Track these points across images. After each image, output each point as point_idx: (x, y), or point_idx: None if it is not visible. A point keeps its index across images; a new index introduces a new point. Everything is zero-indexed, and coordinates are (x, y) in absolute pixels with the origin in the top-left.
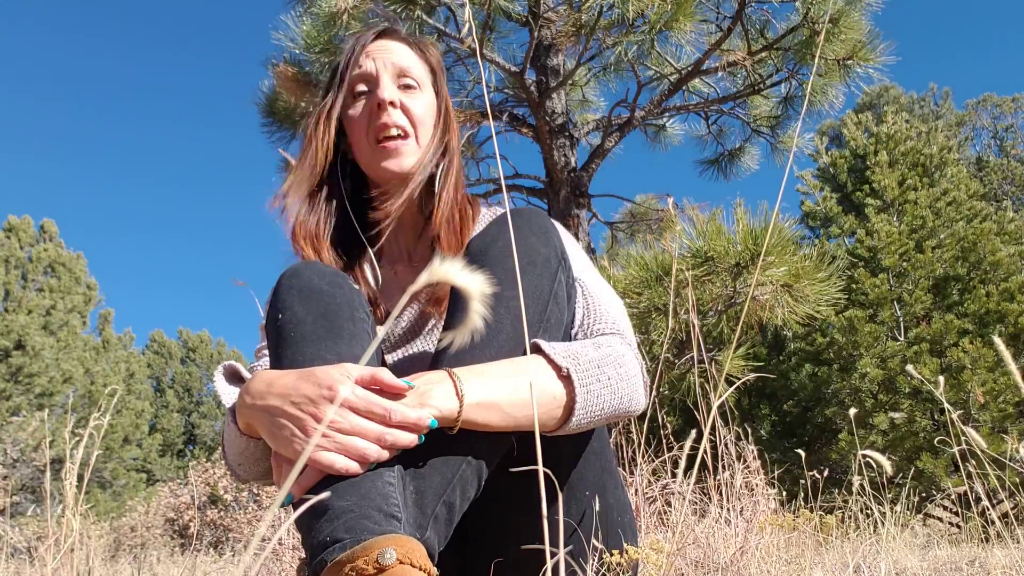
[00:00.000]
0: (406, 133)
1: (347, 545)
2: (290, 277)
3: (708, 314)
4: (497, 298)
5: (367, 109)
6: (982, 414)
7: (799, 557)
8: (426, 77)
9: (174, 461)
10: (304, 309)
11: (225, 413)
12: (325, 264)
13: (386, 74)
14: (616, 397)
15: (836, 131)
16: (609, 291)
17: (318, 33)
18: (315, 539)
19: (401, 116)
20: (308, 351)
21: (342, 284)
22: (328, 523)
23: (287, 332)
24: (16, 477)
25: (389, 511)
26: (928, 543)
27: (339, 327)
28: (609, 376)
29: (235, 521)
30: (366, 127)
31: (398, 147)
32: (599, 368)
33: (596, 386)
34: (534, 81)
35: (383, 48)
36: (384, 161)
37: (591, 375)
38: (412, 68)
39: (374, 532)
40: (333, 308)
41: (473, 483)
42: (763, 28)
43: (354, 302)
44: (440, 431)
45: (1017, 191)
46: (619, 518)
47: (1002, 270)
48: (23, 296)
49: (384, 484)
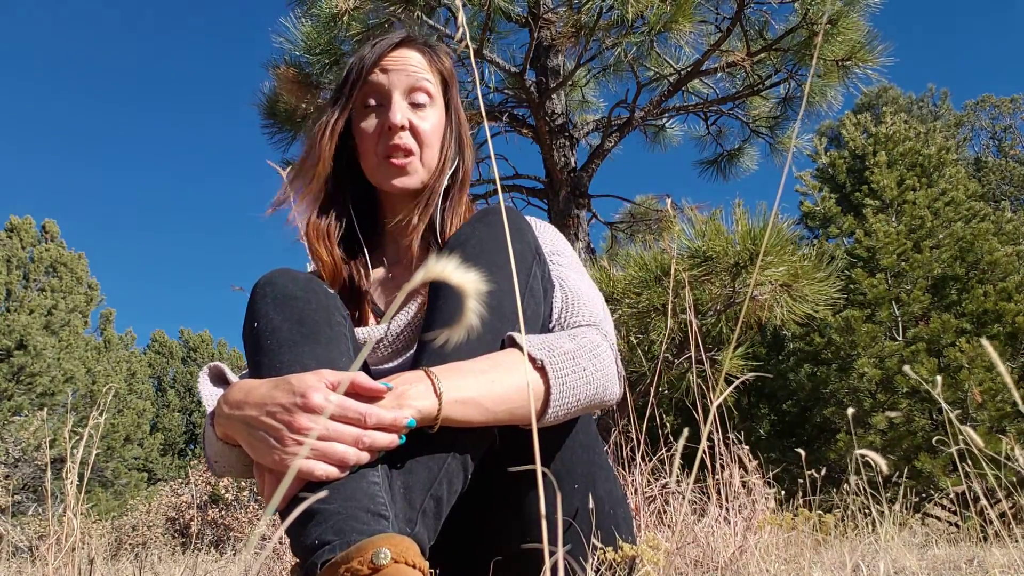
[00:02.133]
0: (413, 152)
1: (338, 547)
2: (264, 286)
3: (707, 314)
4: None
5: (378, 127)
6: (980, 413)
7: (798, 556)
8: (437, 89)
9: (175, 460)
10: (280, 316)
11: (205, 415)
12: (333, 263)
13: (397, 92)
14: (591, 387)
15: (835, 132)
16: (590, 286)
17: (318, 35)
18: (304, 542)
19: (409, 138)
20: (285, 358)
21: (316, 290)
22: (316, 526)
23: (264, 340)
24: (18, 476)
25: (376, 510)
26: (926, 542)
27: (316, 332)
28: (584, 367)
29: (236, 520)
30: (376, 142)
31: (404, 165)
32: (574, 360)
33: (571, 377)
34: (534, 82)
35: (398, 60)
36: (392, 178)
37: (566, 366)
38: (424, 84)
39: (363, 532)
40: (309, 313)
41: (459, 476)
42: (762, 29)
43: (330, 306)
44: (421, 430)
45: (1015, 191)
46: (611, 511)
47: (1000, 270)
48: (25, 296)
49: (369, 484)
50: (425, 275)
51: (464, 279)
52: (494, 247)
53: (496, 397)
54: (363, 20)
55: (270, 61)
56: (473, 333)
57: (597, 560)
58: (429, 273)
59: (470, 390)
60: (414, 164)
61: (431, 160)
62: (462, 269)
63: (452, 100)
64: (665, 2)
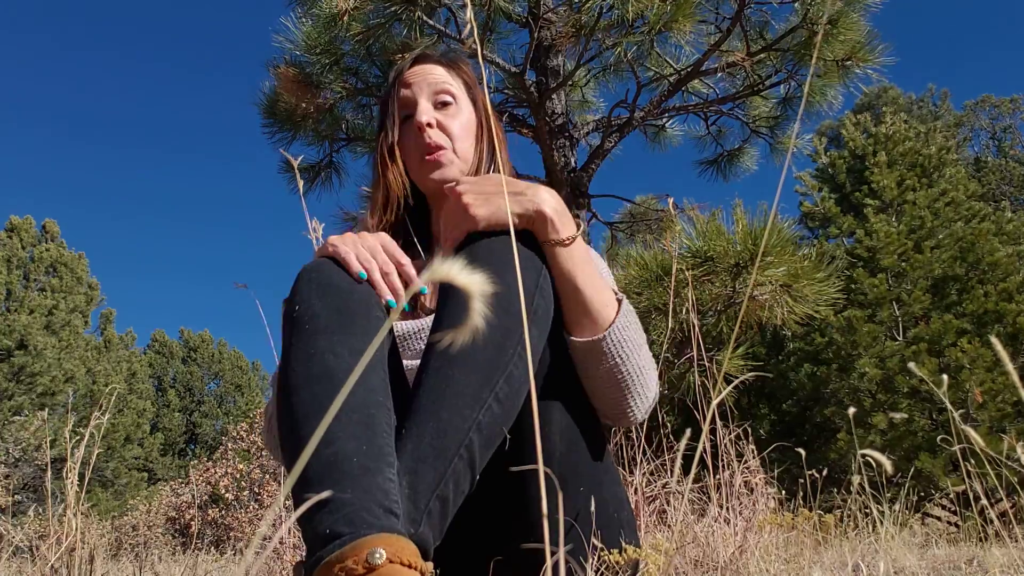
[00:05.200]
0: (444, 146)
1: (341, 543)
2: (310, 271)
3: (708, 314)
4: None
5: (412, 132)
6: (980, 413)
7: (798, 556)
8: (461, 91)
9: (175, 460)
10: (321, 303)
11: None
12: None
13: (423, 97)
14: (639, 352)
15: (835, 132)
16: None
17: (319, 35)
18: (315, 529)
19: (439, 134)
20: (320, 344)
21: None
22: (328, 515)
23: (301, 324)
24: (18, 476)
25: (388, 507)
26: (927, 542)
27: (352, 322)
28: (641, 337)
29: (236, 520)
30: (413, 147)
31: (439, 158)
32: (637, 323)
33: (632, 329)
34: (534, 82)
35: (418, 72)
36: (430, 173)
37: (632, 319)
38: (447, 85)
39: (373, 527)
40: (351, 304)
41: (467, 477)
42: (762, 29)
43: (371, 300)
44: (427, 433)
45: (1015, 191)
46: (615, 514)
47: (1000, 270)
48: (25, 296)
49: (385, 480)
50: (430, 276)
51: (469, 280)
52: (504, 246)
53: (591, 281)
54: (363, 20)
55: (270, 60)
56: (480, 334)
57: (600, 562)
58: (434, 274)
59: (585, 256)
60: (448, 155)
61: (465, 152)
62: (468, 270)
63: (478, 99)
64: (665, 2)
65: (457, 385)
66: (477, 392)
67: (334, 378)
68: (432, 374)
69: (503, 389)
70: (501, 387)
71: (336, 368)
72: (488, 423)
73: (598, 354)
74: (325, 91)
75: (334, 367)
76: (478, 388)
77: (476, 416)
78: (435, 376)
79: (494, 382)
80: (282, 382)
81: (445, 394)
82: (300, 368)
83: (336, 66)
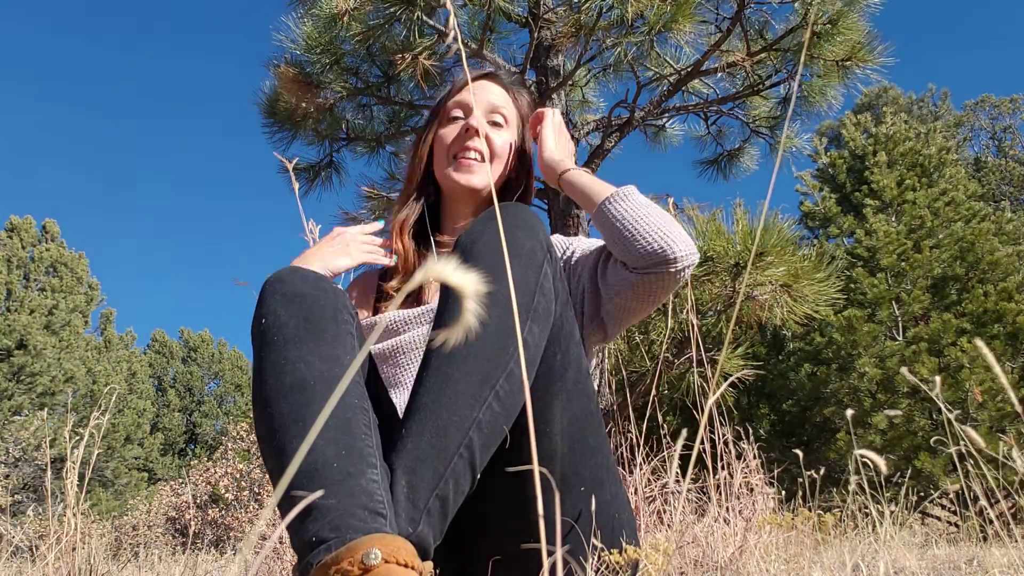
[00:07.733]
0: (483, 158)
1: (332, 546)
2: (273, 283)
3: (707, 314)
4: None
5: (458, 130)
6: (980, 413)
7: (797, 556)
8: (514, 120)
9: (175, 460)
10: (287, 313)
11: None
12: (404, 252)
13: (479, 109)
14: (650, 204)
15: (835, 132)
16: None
17: (319, 34)
18: (302, 537)
19: (483, 144)
20: (291, 354)
21: (325, 288)
22: (314, 522)
23: (270, 336)
24: (18, 476)
25: (374, 508)
26: (926, 542)
27: (321, 329)
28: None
29: (236, 520)
30: (450, 144)
31: (471, 165)
32: (647, 207)
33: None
34: (534, 82)
35: (484, 87)
36: (456, 173)
37: (636, 194)
38: (503, 108)
39: (359, 530)
40: (316, 311)
41: (467, 477)
42: (762, 29)
43: (338, 304)
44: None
45: (1015, 191)
46: (616, 515)
47: (1000, 270)
48: (25, 296)
49: (368, 482)
50: (424, 275)
51: (463, 280)
52: (506, 244)
53: (597, 186)
54: (363, 20)
55: (270, 60)
56: (481, 332)
57: (600, 562)
58: (429, 273)
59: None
60: (481, 166)
61: (495, 171)
62: (463, 269)
63: (525, 137)
64: (665, 2)
65: (457, 384)
66: (477, 391)
67: (307, 387)
68: (432, 373)
69: (503, 387)
70: (502, 385)
71: (309, 376)
72: (488, 422)
73: (610, 209)
74: (325, 91)
75: (307, 376)
76: (478, 387)
77: (476, 415)
78: (435, 375)
79: (494, 380)
80: (256, 395)
81: (445, 393)
82: (273, 380)
83: (336, 66)
